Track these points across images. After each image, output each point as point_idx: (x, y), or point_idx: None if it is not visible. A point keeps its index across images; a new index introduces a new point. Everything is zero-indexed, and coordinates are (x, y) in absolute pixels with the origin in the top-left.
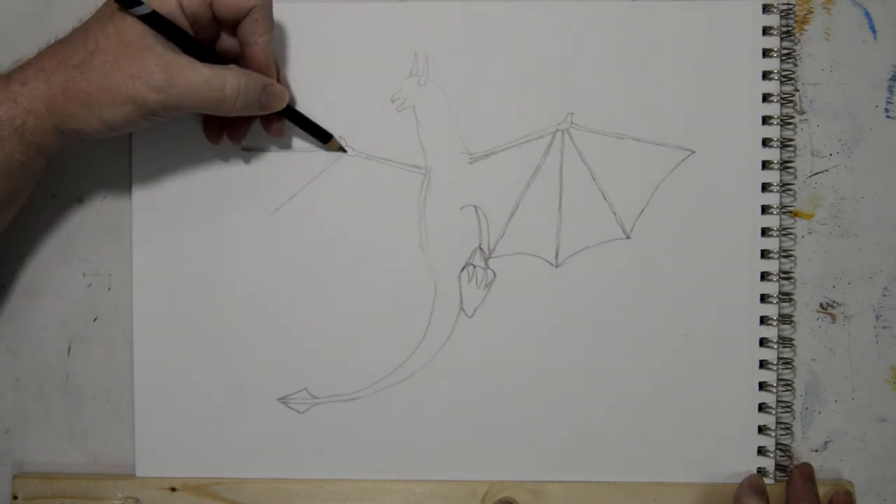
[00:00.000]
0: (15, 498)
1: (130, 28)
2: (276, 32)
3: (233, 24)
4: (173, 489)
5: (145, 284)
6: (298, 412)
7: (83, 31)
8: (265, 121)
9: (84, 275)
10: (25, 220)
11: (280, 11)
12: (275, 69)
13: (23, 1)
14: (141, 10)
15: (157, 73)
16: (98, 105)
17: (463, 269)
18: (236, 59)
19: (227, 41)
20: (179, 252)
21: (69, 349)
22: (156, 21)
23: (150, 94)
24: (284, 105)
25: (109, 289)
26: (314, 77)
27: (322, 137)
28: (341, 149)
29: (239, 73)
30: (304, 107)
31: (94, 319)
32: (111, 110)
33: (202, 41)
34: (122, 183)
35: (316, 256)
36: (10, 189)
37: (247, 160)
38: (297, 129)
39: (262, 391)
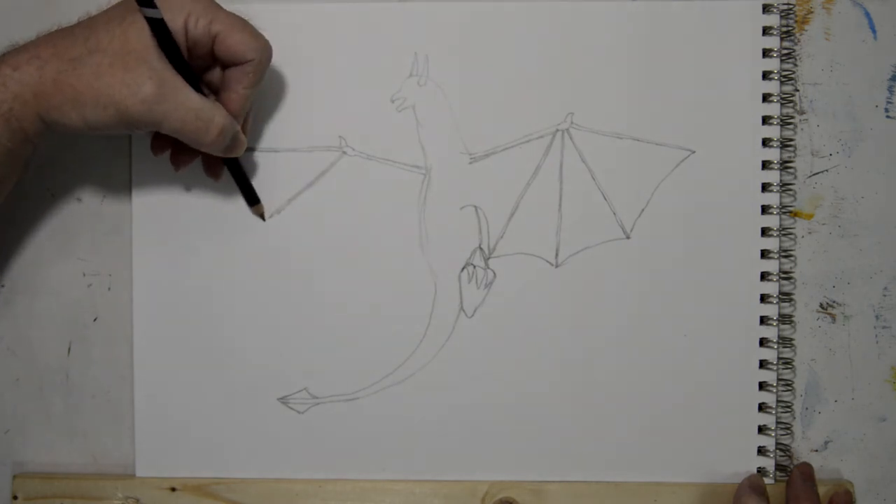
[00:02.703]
0: (15, 498)
1: (137, 36)
2: (278, 33)
3: (225, 65)
4: (173, 489)
5: (145, 284)
6: (298, 412)
7: (88, 27)
8: (208, 161)
9: (84, 275)
10: (26, 220)
11: (281, 11)
12: (244, 118)
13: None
14: (152, 12)
15: (147, 87)
16: (82, 103)
17: (463, 269)
18: (215, 93)
19: (215, 74)
20: (179, 252)
21: (69, 349)
22: (160, 31)
23: (136, 105)
24: (240, 154)
25: (109, 289)
26: (314, 77)
27: (250, 199)
28: (262, 216)
29: (224, 113)
30: (304, 107)
31: (94, 319)
32: (93, 111)
33: (194, 69)
34: (122, 183)
35: (316, 256)
36: None
37: (247, 160)
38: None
39: (262, 391)
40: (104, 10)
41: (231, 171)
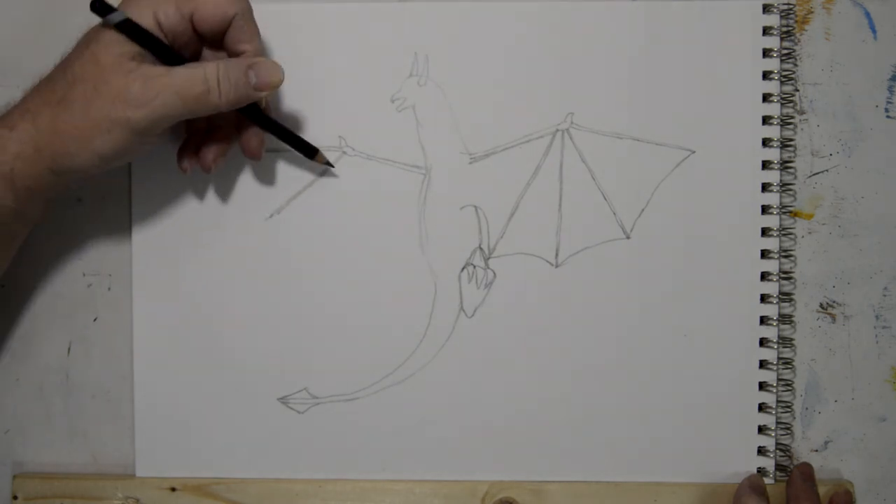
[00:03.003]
0: (15, 498)
1: (106, 51)
2: (278, 33)
3: (218, 38)
4: (173, 489)
5: (145, 284)
6: (298, 412)
7: (63, 65)
8: (245, 140)
9: (84, 275)
10: None
11: (280, 12)
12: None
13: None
14: (115, 17)
15: (134, 88)
16: (86, 137)
17: (463, 269)
18: None
19: (209, 57)
20: (179, 252)
21: (69, 349)
22: (132, 31)
23: (133, 112)
24: (282, 78)
25: (109, 289)
26: (314, 77)
27: (308, 152)
28: (328, 163)
29: (215, 62)
30: (304, 107)
31: (94, 319)
32: (100, 140)
33: (190, 59)
34: (122, 183)
35: (316, 256)
36: (2, 235)
37: (248, 160)
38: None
39: (262, 391)
40: (74, 46)
41: (277, 135)
